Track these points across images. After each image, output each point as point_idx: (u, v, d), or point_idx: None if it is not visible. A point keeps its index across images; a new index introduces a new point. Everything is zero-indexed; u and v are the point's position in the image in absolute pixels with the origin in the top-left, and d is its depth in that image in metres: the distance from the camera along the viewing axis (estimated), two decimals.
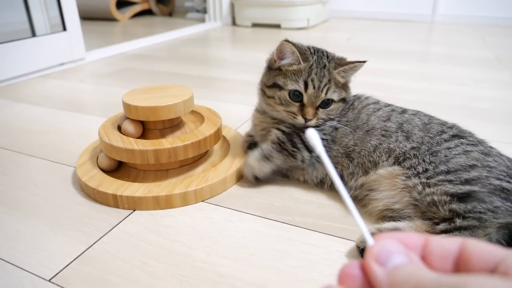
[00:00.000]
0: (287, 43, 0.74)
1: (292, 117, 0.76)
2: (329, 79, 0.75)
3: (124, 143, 0.79)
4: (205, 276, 0.59)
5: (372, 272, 0.25)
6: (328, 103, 0.76)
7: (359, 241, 0.63)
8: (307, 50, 0.77)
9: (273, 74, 0.78)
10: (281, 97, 0.77)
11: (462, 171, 0.62)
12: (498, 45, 2.21)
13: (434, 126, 0.72)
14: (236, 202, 0.78)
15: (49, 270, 0.61)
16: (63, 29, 1.79)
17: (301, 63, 0.75)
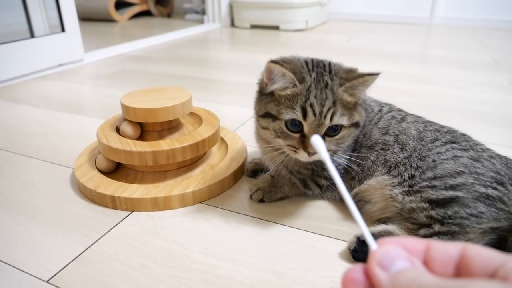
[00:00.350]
0: (274, 64, 0.61)
1: (293, 151, 0.64)
2: (334, 101, 0.61)
3: (123, 145, 0.79)
4: (203, 277, 0.59)
5: (376, 276, 0.25)
6: (336, 129, 0.63)
7: (350, 243, 0.63)
8: (303, 67, 0.64)
9: (265, 101, 0.66)
10: (276, 129, 0.64)
11: (448, 177, 0.62)
12: (496, 48, 2.22)
13: (428, 134, 0.69)
14: (234, 203, 0.78)
15: (47, 271, 0.61)
16: (62, 30, 1.79)
17: (296, 85, 0.62)
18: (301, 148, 0.63)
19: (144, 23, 3.32)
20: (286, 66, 0.61)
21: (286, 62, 0.62)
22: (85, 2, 3.18)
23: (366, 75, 0.61)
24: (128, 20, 3.41)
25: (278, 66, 0.61)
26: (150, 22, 3.36)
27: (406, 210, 0.64)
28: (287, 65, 0.62)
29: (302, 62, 0.65)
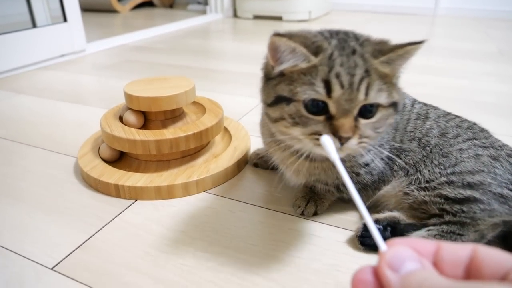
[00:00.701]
0: (280, 37, 0.48)
1: (316, 140, 0.49)
2: (367, 70, 0.48)
3: (126, 134, 0.79)
4: (207, 265, 0.59)
5: (385, 277, 0.25)
6: (371, 110, 0.50)
7: (356, 230, 0.63)
8: (317, 36, 0.52)
9: (273, 83, 0.53)
10: (292, 113, 0.50)
11: (466, 174, 0.60)
12: (501, 38, 2.20)
13: (450, 130, 0.66)
14: (238, 192, 0.78)
15: (52, 259, 0.62)
16: (64, 20, 1.78)
17: (311, 59, 0.49)
18: (329, 132, 0.48)
19: (146, 13, 3.30)
20: (295, 39, 0.49)
21: (295, 35, 0.50)
22: None
23: (408, 44, 0.50)
24: (130, 10, 3.39)
25: (285, 39, 0.48)
26: (152, 13, 3.34)
27: (417, 202, 0.63)
28: (296, 38, 0.50)
29: (315, 33, 0.53)
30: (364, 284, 0.26)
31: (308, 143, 0.51)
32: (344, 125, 0.48)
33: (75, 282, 0.57)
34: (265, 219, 0.70)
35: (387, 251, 0.26)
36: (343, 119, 0.48)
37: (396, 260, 0.26)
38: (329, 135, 0.47)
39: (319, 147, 0.49)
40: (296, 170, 0.64)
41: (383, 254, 0.26)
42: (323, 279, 0.57)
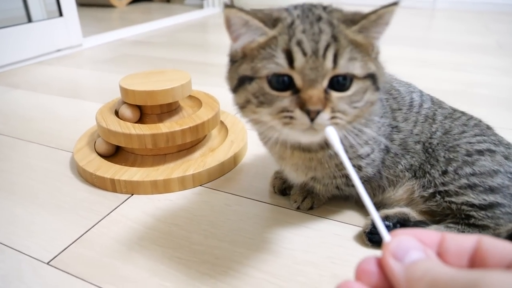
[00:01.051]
0: (230, 9, 0.45)
1: (288, 120, 0.45)
2: (334, 36, 0.44)
3: (122, 128, 0.78)
4: (203, 258, 0.59)
5: (389, 267, 0.25)
6: (345, 83, 0.45)
7: (365, 226, 0.62)
8: (279, 10, 0.48)
9: (236, 65, 0.49)
10: (255, 91, 0.46)
11: (486, 175, 0.59)
12: (501, 31, 2.19)
13: (455, 128, 0.65)
14: (234, 186, 0.78)
15: (48, 253, 0.62)
16: (60, 14, 1.77)
17: (267, 32, 0.46)
18: (297, 107, 0.44)
19: (143, 8, 3.28)
20: (248, 11, 0.45)
21: (246, 10, 0.46)
22: None
23: (380, 9, 0.45)
24: (127, 5, 3.37)
25: (235, 11, 0.44)
26: (149, 7, 3.32)
27: (441, 207, 0.61)
28: (250, 11, 0.46)
29: (277, 8, 0.49)
30: (367, 275, 0.26)
31: (277, 124, 0.46)
32: (311, 97, 0.43)
33: (71, 276, 0.57)
34: (261, 212, 0.70)
35: (391, 241, 0.26)
36: (310, 91, 0.43)
37: (400, 250, 0.26)
38: (297, 110, 0.44)
39: (288, 127, 0.45)
40: (294, 165, 0.62)
41: (387, 244, 0.26)
42: (319, 271, 0.57)
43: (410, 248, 0.26)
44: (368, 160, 0.62)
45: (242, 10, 0.45)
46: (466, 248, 0.26)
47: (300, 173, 0.63)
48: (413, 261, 0.25)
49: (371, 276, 0.26)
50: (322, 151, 0.58)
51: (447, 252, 0.26)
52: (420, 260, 0.25)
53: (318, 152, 0.58)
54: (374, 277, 0.26)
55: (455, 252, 0.26)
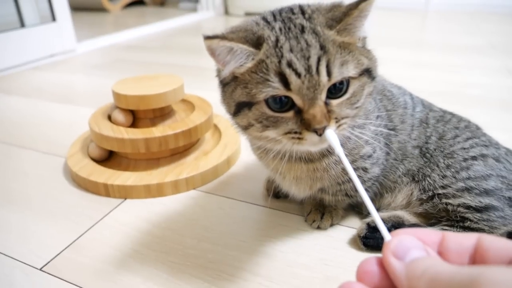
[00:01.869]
0: (211, 40, 0.44)
1: (296, 140, 0.46)
2: (322, 46, 0.43)
3: (114, 132, 0.78)
4: (196, 262, 0.59)
5: (391, 266, 0.25)
6: (341, 87, 0.45)
7: (360, 230, 0.62)
8: (257, 25, 0.47)
9: (230, 91, 0.48)
10: (258, 117, 0.46)
11: (481, 179, 0.60)
12: (492, 32, 2.21)
13: (448, 133, 0.65)
14: (228, 189, 0.78)
15: (40, 259, 0.61)
16: (53, 19, 1.77)
17: (255, 53, 0.45)
18: (304, 129, 0.44)
19: (137, 12, 3.28)
20: (229, 36, 0.44)
21: (230, 32, 0.46)
22: None
23: (360, 2, 0.44)
24: (121, 9, 3.37)
25: (217, 41, 0.44)
26: (143, 11, 3.32)
27: (436, 209, 0.62)
28: (232, 34, 0.45)
29: (256, 19, 0.48)
30: (369, 275, 0.26)
31: (287, 143, 0.47)
32: (315, 116, 0.43)
33: (63, 282, 0.57)
34: (254, 215, 0.70)
35: (391, 240, 0.26)
36: (312, 110, 0.43)
37: (400, 249, 0.26)
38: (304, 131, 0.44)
39: (301, 142, 0.45)
40: (295, 178, 0.59)
41: (388, 243, 0.26)
42: (312, 273, 0.57)
43: (410, 247, 0.26)
44: (372, 160, 0.61)
45: (224, 38, 0.44)
46: (467, 246, 0.26)
47: (303, 186, 0.61)
48: (413, 259, 0.25)
49: (373, 276, 0.26)
50: (326, 158, 0.57)
51: (448, 251, 0.26)
52: (421, 258, 0.25)
53: (322, 161, 0.57)
54: (375, 277, 0.26)
55: (456, 251, 0.26)
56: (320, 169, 0.57)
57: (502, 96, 1.24)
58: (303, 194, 0.64)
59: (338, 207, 0.67)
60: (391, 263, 0.25)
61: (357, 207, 0.69)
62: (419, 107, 0.68)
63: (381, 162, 0.63)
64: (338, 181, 0.60)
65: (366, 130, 0.56)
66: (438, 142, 0.65)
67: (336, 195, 0.64)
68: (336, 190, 0.63)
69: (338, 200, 0.65)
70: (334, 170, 0.58)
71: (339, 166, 0.58)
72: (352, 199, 0.66)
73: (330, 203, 0.66)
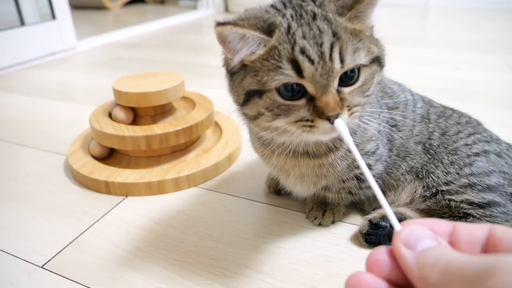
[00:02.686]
0: (224, 27, 0.43)
1: (308, 127, 0.45)
2: (335, 32, 0.43)
3: (115, 130, 0.78)
4: (198, 259, 0.59)
5: (401, 255, 0.25)
6: (353, 75, 0.45)
7: (361, 226, 0.62)
8: (269, 12, 0.46)
9: (239, 79, 0.48)
10: (269, 105, 0.46)
11: (483, 175, 0.60)
12: (493, 29, 2.20)
13: (451, 129, 0.65)
14: (229, 186, 0.78)
15: (42, 257, 0.61)
16: (53, 17, 1.76)
17: (267, 40, 0.44)
18: (316, 117, 0.44)
19: (137, 10, 3.28)
20: (241, 23, 0.44)
21: (241, 19, 0.45)
22: None
23: None
24: (121, 7, 3.36)
25: (229, 27, 0.43)
26: (143, 9, 3.31)
27: (439, 206, 0.62)
28: (243, 21, 0.44)
29: (265, 7, 0.48)
30: (379, 265, 0.26)
31: (297, 131, 0.46)
32: (328, 104, 0.43)
33: (65, 280, 0.57)
34: (256, 212, 0.70)
35: (402, 230, 0.26)
36: (325, 97, 0.43)
37: (411, 238, 0.25)
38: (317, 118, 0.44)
39: (312, 130, 0.45)
40: (300, 176, 0.59)
41: (398, 233, 0.26)
42: (314, 270, 0.57)
43: (421, 236, 0.25)
44: (376, 157, 0.61)
45: (237, 25, 0.43)
46: (479, 236, 0.25)
47: (307, 184, 0.61)
48: (424, 249, 0.24)
49: (383, 266, 0.26)
50: (332, 153, 0.56)
51: (459, 241, 0.26)
52: (432, 247, 0.24)
53: (328, 156, 0.57)
54: (386, 267, 0.26)
55: (467, 241, 0.25)
56: (326, 165, 0.57)
57: (502, 92, 1.24)
58: (307, 192, 0.64)
59: (340, 204, 0.67)
60: (402, 253, 0.25)
61: (359, 204, 0.69)
62: (420, 103, 0.67)
63: (384, 159, 0.63)
64: (342, 178, 0.60)
65: (370, 126, 0.56)
66: (441, 138, 0.64)
67: (339, 192, 0.64)
68: (340, 187, 0.63)
69: (341, 197, 0.65)
70: (339, 166, 0.58)
71: (344, 161, 0.58)
72: (355, 197, 0.66)
73: (333, 200, 0.66)
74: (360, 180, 0.62)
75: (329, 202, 0.66)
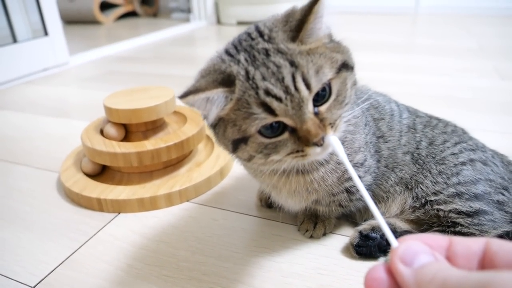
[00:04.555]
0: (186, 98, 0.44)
1: (300, 157, 0.47)
2: (292, 62, 0.43)
3: (107, 147, 0.79)
4: (190, 275, 0.60)
5: (399, 272, 0.25)
6: (324, 93, 0.45)
7: (352, 238, 0.62)
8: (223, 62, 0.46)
9: (221, 132, 0.49)
10: (257, 148, 0.47)
11: (470, 184, 0.61)
12: (482, 34, 2.23)
13: (437, 138, 0.66)
14: (221, 200, 0.78)
15: (34, 276, 0.61)
16: (45, 34, 1.77)
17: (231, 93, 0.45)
18: (305, 146, 0.45)
19: (130, 23, 3.29)
20: (201, 87, 0.44)
21: (200, 77, 0.46)
22: (69, 4, 3.15)
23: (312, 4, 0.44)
24: (114, 21, 3.38)
25: (191, 96, 0.44)
26: (136, 23, 3.33)
27: (428, 215, 0.62)
28: (202, 82, 0.45)
29: (220, 54, 0.48)
30: (377, 282, 0.26)
31: (293, 161, 0.48)
32: (310, 131, 0.44)
33: None
34: (247, 226, 0.70)
35: (399, 246, 0.26)
36: (305, 125, 0.44)
37: (408, 254, 0.25)
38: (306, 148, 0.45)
39: (305, 157, 0.46)
40: (292, 191, 0.60)
41: (395, 250, 0.26)
42: (305, 282, 0.57)
43: (418, 252, 0.25)
44: (365, 168, 0.61)
45: (197, 91, 0.44)
46: (475, 251, 0.26)
47: (299, 198, 0.61)
48: (422, 265, 0.25)
49: (381, 283, 0.26)
50: (322, 167, 0.57)
51: (456, 255, 0.26)
52: (429, 263, 0.25)
53: (319, 170, 0.57)
54: (384, 284, 0.26)
55: (464, 256, 0.26)
56: (317, 179, 0.58)
57: (492, 98, 1.26)
58: (299, 206, 0.65)
59: (331, 216, 0.68)
60: (399, 270, 0.25)
61: (351, 217, 0.69)
62: (406, 114, 0.68)
63: (373, 170, 0.63)
64: (333, 191, 0.61)
65: (357, 136, 0.57)
66: (429, 148, 0.65)
67: (330, 205, 0.64)
68: (330, 201, 0.63)
69: (332, 210, 0.66)
70: (330, 179, 0.58)
71: (335, 175, 0.58)
72: (346, 209, 0.66)
73: (324, 213, 0.67)
74: (350, 193, 0.62)
75: (320, 214, 0.67)
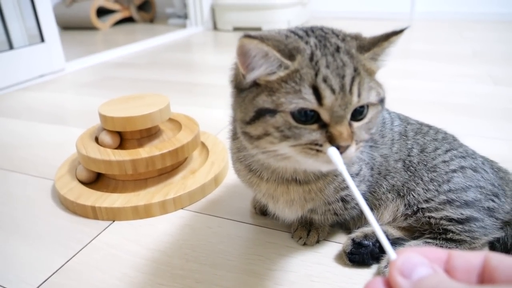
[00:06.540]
0: (251, 40, 0.43)
1: (314, 152, 0.45)
2: (355, 68, 0.44)
3: (101, 154, 0.79)
4: (184, 283, 0.60)
5: (398, 285, 0.25)
6: (362, 111, 0.46)
7: (345, 246, 0.63)
8: (290, 37, 0.46)
9: (251, 96, 0.47)
10: (279, 125, 0.45)
11: (461, 191, 0.62)
12: (476, 40, 2.26)
13: (428, 146, 0.66)
14: (215, 208, 0.78)
15: (28, 285, 0.61)
16: (41, 40, 1.78)
17: (288, 65, 0.44)
18: (327, 142, 0.44)
19: (126, 29, 3.30)
20: (267, 42, 0.43)
21: (266, 38, 0.44)
22: (66, 10, 3.16)
23: (391, 35, 0.47)
24: (111, 27, 3.39)
25: (256, 42, 0.43)
26: (133, 28, 3.34)
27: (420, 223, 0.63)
28: (269, 40, 0.44)
29: (284, 31, 0.48)
30: None
31: (298, 156, 0.46)
32: (342, 134, 0.43)
33: None
34: (241, 233, 0.71)
35: (397, 259, 0.26)
36: (339, 127, 0.43)
37: (407, 267, 0.25)
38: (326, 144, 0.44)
39: (317, 155, 0.44)
40: (288, 201, 0.60)
41: (394, 262, 0.26)
42: None
43: (417, 265, 0.25)
44: (360, 178, 0.62)
45: (263, 41, 0.43)
46: (474, 264, 0.25)
47: (295, 208, 0.61)
48: (421, 277, 0.24)
49: None
50: (321, 180, 0.58)
51: (455, 269, 0.26)
52: (428, 275, 0.24)
53: (318, 181, 0.58)
54: None
55: (463, 269, 0.26)
56: (314, 190, 0.58)
57: (485, 104, 1.27)
58: (295, 215, 0.65)
59: (325, 224, 0.68)
60: (398, 282, 0.25)
61: (344, 225, 0.70)
62: (397, 121, 0.69)
63: (367, 178, 0.64)
64: (328, 200, 0.61)
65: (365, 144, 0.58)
66: (420, 155, 0.66)
67: (325, 214, 0.65)
68: (326, 209, 0.63)
69: (327, 218, 0.66)
70: (327, 190, 0.59)
71: (331, 185, 0.59)
72: (340, 218, 0.67)
73: (318, 222, 0.67)
74: (346, 202, 0.63)
75: (314, 222, 0.67)
